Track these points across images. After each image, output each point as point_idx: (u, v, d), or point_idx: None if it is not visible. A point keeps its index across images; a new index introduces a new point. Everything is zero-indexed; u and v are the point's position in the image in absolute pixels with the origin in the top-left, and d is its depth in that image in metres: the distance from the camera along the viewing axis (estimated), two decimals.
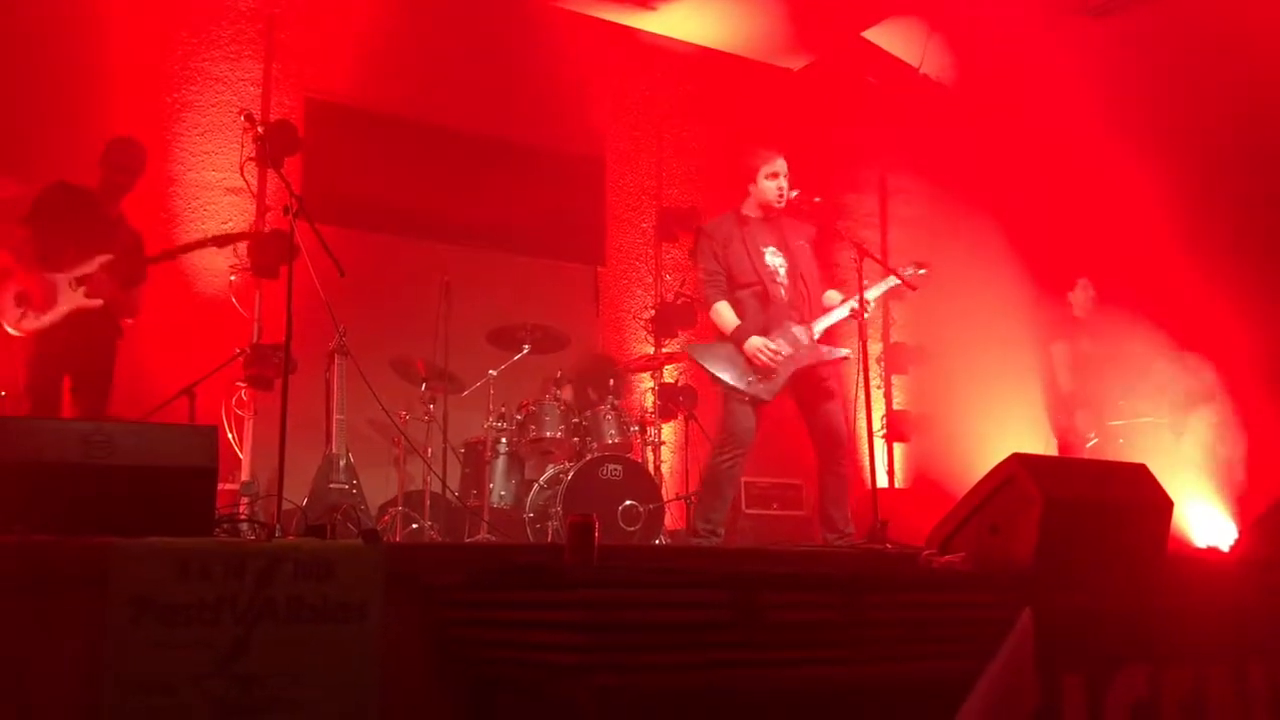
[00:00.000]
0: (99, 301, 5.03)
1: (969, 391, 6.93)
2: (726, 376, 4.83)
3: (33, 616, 2.43)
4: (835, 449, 4.90)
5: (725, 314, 4.91)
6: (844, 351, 4.98)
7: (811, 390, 4.92)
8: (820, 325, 4.93)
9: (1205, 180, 6.42)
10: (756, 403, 4.83)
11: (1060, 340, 6.64)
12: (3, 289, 4.96)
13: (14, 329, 4.93)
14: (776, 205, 4.99)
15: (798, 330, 4.89)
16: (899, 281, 5.01)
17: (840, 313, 4.95)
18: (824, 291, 5.09)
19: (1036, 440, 6.53)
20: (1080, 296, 6.72)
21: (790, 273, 4.99)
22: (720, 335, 4.96)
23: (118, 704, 2.38)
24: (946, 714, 2.11)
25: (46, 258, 5.00)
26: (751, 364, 4.80)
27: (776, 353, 4.79)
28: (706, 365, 4.92)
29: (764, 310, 4.90)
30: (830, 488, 4.89)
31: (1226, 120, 6.43)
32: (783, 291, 4.95)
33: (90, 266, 5.03)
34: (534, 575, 2.52)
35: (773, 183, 4.99)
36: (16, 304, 4.95)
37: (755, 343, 4.79)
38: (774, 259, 4.99)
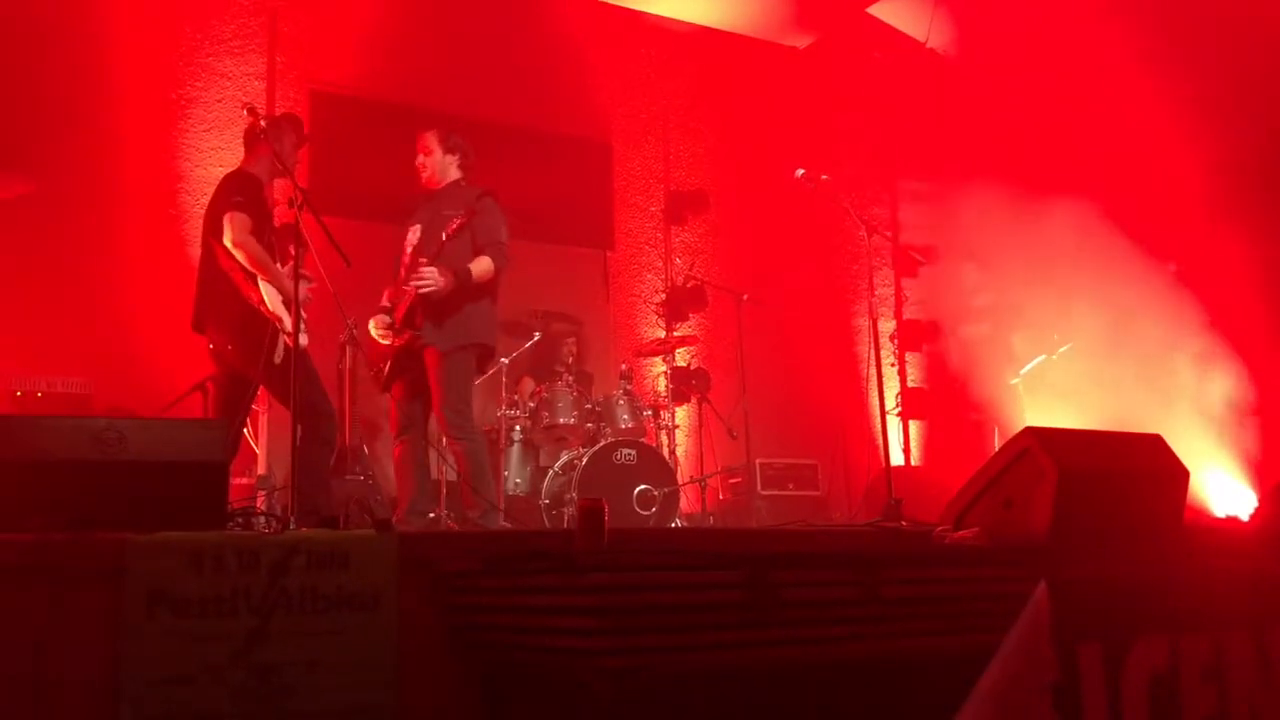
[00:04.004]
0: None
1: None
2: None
3: (50, 613, 2.45)
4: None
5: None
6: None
7: None
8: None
9: (1231, 148, 6.32)
10: None
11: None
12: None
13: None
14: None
15: None
16: None
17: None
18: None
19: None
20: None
21: (414, 254, 4.87)
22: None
23: (137, 696, 2.40)
24: (963, 688, 2.10)
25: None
26: None
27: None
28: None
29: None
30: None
31: (1246, 80, 6.33)
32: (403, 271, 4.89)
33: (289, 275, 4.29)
34: (544, 560, 2.52)
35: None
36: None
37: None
38: (412, 236, 4.97)
